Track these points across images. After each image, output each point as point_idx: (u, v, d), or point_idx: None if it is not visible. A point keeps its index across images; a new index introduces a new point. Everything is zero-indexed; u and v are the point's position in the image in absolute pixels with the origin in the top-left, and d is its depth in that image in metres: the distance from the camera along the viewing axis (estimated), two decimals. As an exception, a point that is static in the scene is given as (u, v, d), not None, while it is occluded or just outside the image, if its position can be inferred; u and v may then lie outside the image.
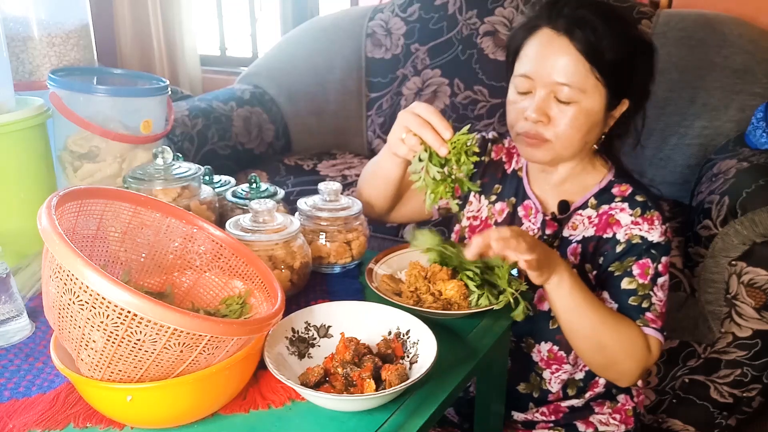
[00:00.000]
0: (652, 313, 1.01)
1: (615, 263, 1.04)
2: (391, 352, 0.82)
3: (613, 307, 1.03)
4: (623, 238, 1.04)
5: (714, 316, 1.56)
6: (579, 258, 1.08)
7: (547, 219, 1.12)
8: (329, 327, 0.87)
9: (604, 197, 1.08)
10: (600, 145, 1.09)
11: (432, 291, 0.95)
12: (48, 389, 0.78)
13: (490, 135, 1.23)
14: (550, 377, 1.12)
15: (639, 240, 1.02)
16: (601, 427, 1.13)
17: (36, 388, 0.79)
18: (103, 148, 1.30)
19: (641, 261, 1.02)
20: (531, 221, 1.14)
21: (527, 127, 1.02)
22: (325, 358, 0.80)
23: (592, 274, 1.07)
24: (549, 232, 1.12)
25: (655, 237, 1.03)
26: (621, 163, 1.12)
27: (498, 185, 1.20)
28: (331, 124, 2.62)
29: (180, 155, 1.22)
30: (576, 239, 1.08)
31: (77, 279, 0.62)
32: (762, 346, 1.53)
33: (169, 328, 0.63)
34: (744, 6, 2.15)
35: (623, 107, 1.04)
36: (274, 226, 0.98)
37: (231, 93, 2.53)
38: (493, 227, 0.90)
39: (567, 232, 1.10)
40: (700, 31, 2.04)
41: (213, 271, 0.89)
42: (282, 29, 3.22)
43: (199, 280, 0.89)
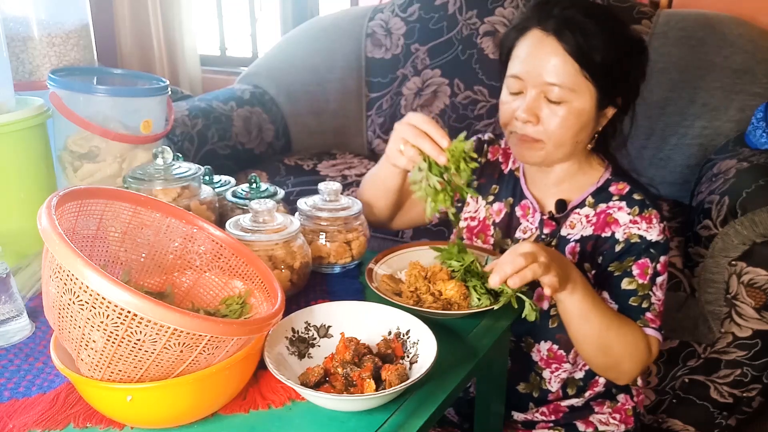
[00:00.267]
0: (651, 313, 1.02)
1: (614, 263, 1.04)
2: (391, 352, 0.82)
3: (614, 308, 1.03)
4: (622, 237, 1.04)
5: (714, 316, 1.56)
6: (577, 257, 1.08)
7: (545, 218, 1.12)
8: (329, 327, 0.87)
9: (601, 196, 1.08)
10: (595, 144, 1.09)
11: (432, 291, 0.95)
12: (48, 389, 0.78)
13: (485, 136, 1.23)
14: (549, 377, 1.12)
15: (638, 239, 1.03)
16: (601, 427, 1.13)
17: (36, 388, 0.79)
18: (103, 148, 1.30)
19: (640, 261, 1.02)
20: (529, 221, 1.14)
21: (518, 127, 1.03)
22: (325, 358, 0.80)
23: (590, 273, 1.07)
24: (547, 231, 1.12)
25: (654, 236, 1.03)
26: (618, 162, 1.12)
27: (495, 186, 1.20)
28: (331, 124, 2.62)
29: (180, 155, 1.22)
30: (574, 238, 1.09)
31: (77, 279, 0.62)
32: (762, 346, 1.53)
33: (169, 328, 0.63)
34: (744, 6, 2.15)
35: (615, 106, 1.04)
36: (274, 226, 0.98)
37: (231, 93, 2.53)
38: (510, 249, 0.89)
39: (565, 231, 1.10)
40: (700, 31, 2.04)
41: (213, 271, 0.89)
42: (282, 29, 3.22)
43: (199, 280, 0.89)
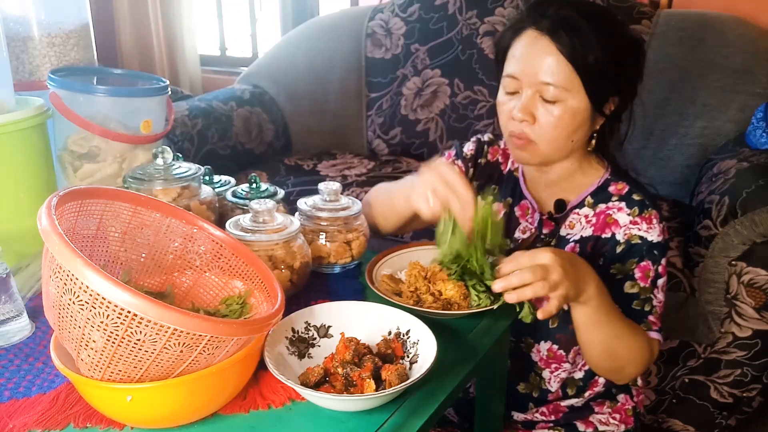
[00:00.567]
0: (653, 316, 1.02)
1: (616, 264, 1.04)
2: (391, 352, 0.82)
3: None
4: (622, 238, 1.04)
5: (714, 316, 1.56)
6: (578, 258, 1.08)
7: (544, 218, 1.12)
8: (329, 327, 0.87)
9: (600, 196, 1.08)
10: (594, 144, 1.08)
11: (432, 291, 0.95)
12: (48, 389, 0.78)
13: (485, 137, 1.23)
14: (549, 376, 1.12)
15: (638, 240, 1.02)
16: (601, 427, 1.13)
17: (36, 388, 0.79)
18: (103, 148, 1.30)
19: (642, 263, 1.02)
20: (528, 221, 1.14)
21: (514, 127, 1.03)
22: (325, 358, 0.80)
23: (591, 274, 1.07)
24: (546, 231, 1.12)
25: (654, 236, 1.03)
26: (617, 162, 1.12)
27: (494, 186, 1.20)
28: (331, 124, 2.62)
29: (180, 155, 1.22)
30: (574, 238, 1.09)
31: (77, 279, 0.62)
32: (762, 346, 1.53)
33: (169, 328, 0.63)
34: (744, 6, 2.15)
35: (611, 106, 1.04)
36: (274, 226, 0.98)
37: (231, 93, 2.53)
38: (529, 253, 0.88)
39: (564, 230, 1.10)
40: (700, 31, 2.04)
41: (213, 271, 0.89)
42: (282, 29, 3.22)
43: (199, 280, 0.89)
